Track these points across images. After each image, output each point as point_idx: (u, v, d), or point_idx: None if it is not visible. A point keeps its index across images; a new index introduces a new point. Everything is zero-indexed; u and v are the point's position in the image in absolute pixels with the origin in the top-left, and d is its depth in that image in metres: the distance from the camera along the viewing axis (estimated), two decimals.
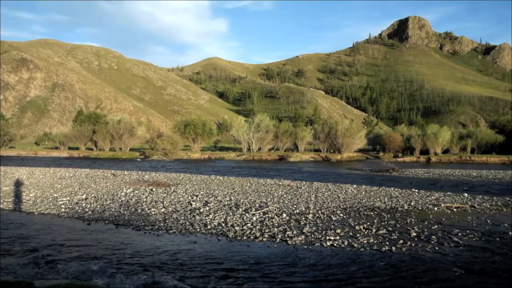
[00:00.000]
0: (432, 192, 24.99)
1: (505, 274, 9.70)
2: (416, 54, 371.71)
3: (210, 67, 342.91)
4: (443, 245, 12.26)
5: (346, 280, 9.11)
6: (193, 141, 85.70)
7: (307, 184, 28.84)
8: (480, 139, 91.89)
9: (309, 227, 14.25)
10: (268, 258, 10.64)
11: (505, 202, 21.60)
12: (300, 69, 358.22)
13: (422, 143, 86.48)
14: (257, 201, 19.66)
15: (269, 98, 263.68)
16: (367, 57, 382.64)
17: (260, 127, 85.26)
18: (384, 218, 16.32)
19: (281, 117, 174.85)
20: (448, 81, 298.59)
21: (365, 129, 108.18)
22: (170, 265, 9.97)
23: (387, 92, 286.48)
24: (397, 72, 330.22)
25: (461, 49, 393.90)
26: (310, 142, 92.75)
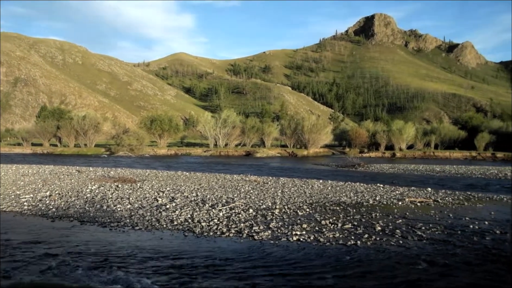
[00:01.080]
0: (397, 187, 25.45)
1: (466, 267, 9.95)
2: (382, 51, 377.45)
3: (177, 62, 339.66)
4: (407, 239, 12.50)
5: (313, 274, 9.17)
6: (160, 137, 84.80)
7: (273, 179, 28.94)
8: (444, 135, 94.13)
9: (276, 222, 14.30)
10: (234, 254, 10.63)
11: (466, 196, 22.18)
12: (267, 65, 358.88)
13: (387, 138, 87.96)
14: (223, 197, 19.60)
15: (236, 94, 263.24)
16: (334, 54, 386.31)
17: (227, 123, 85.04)
18: (349, 212, 16.52)
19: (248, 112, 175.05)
20: (413, 78, 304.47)
21: (331, 125, 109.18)
22: (136, 262, 9.83)
23: (353, 88, 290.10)
24: (363, 69, 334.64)
25: (425, 47, 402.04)
26: (277, 137, 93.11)
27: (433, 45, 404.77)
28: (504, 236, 13.16)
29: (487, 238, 12.86)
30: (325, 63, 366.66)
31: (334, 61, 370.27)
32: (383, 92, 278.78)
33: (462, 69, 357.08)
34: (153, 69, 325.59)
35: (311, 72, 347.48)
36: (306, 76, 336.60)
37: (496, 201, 20.86)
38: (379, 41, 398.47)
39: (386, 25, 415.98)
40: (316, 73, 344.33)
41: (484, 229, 14.02)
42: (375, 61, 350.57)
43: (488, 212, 17.41)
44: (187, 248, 11.20)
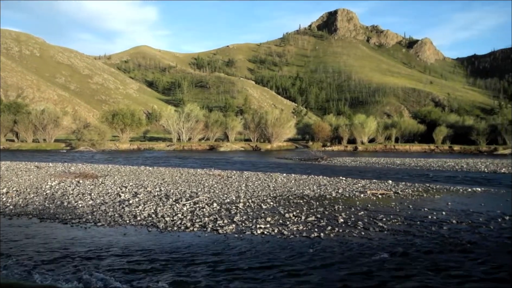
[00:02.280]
0: (359, 180, 25.90)
1: (425, 256, 10.27)
2: (344, 46, 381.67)
3: (139, 55, 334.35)
4: (369, 230, 12.78)
5: (277, 267, 9.26)
6: (122, 132, 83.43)
7: (237, 173, 28.99)
8: (404, 128, 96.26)
9: (240, 216, 14.36)
10: (199, 248, 10.63)
11: (425, 188, 22.80)
12: (231, 59, 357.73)
13: (349, 132, 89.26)
14: (187, 191, 19.53)
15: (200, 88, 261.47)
16: (297, 48, 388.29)
17: (190, 117, 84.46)
18: (313, 205, 16.73)
19: (211, 107, 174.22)
20: (375, 72, 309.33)
21: (294, 119, 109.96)
22: (98, 258, 9.71)
23: (316, 82, 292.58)
24: (326, 63, 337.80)
25: (386, 42, 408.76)
26: (240, 132, 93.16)
27: (394, 41, 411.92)
28: (460, 225, 13.63)
29: (445, 227, 13.29)
30: (289, 57, 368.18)
31: (298, 55, 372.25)
32: (345, 86, 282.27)
33: (421, 64, 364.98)
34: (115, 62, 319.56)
35: (274, 66, 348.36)
36: (269, 70, 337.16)
37: (453, 192, 21.54)
38: (341, 36, 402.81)
39: (349, 21, 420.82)
40: (279, 67, 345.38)
41: (441, 219, 14.47)
42: (338, 56, 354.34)
43: (446, 203, 17.97)
44: (150, 243, 11.13)
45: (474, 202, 18.46)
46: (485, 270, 9.29)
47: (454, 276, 8.82)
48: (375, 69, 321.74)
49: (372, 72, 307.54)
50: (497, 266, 9.59)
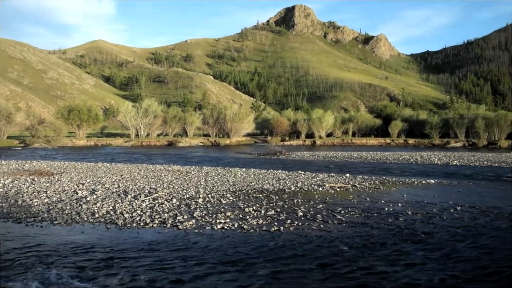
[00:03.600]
0: (317, 174, 26.26)
1: (382, 247, 10.54)
2: (302, 41, 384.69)
3: (95, 50, 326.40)
4: (328, 223, 12.99)
5: (237, 261, 9.29)
6: (78, 128, 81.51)
7: (197, 168, 28.89)
8: (361, 123, 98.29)
9: (200, 211, 14.33)
10: (158, 244, 10.54)
11: (382, 180, 23.36)
12: (189, 54, 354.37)
13: (307, 127, 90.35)
14: (146, 187, 19.31)
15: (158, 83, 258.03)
16: (255, 43, 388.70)
17: (148, 113, 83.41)
18: (272, 199, 16.86)
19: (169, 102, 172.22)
20: (332, 68, 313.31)
21: (253, 113, 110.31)
22: (55, 257, 9.48)
23: (275, 77, 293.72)
24: (284, 58, 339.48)
25: (343, 38, 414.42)
26: (199, 127, 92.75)
27: (350, 37, 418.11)
28: (415, 216, 14.05)
29: (400, 219, 13.67)
30: (247, 52, 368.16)
31: (256, 50, 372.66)
32: (303, 81, 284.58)
33: (377, 60, 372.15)
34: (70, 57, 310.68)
35: (233, 62, 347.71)
36: (228, 65, 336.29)
37: (408, 184, 22.16)
38: (299, 31, 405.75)
39: (306, 16, 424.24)
40: (238, 62, 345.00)
41: (397, 211, 14.88)
42: (296, 51, 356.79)
43: (401, 195, 18.48)
44: (109, 240, 10.95)
45: (428, 194, 19.06)
46: (438, 258, 9.62)
47: (409, 265, 9.09)
48: (332, 65, 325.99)
49: (329, 68, 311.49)
50: (448, 254, 9.95)
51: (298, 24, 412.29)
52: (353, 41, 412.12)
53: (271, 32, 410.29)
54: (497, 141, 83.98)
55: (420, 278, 8.35)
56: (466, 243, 10.97)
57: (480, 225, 12.97)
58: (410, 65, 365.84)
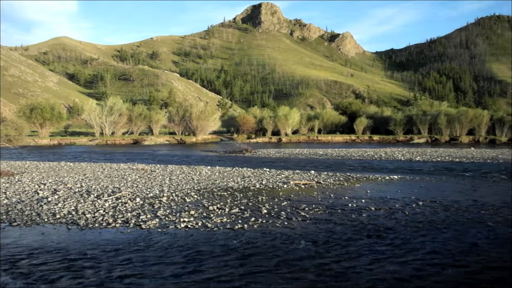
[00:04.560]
0: (283, 171, 26.39)
1: (345, 242, 10.65)
2: (268, 39, 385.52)
3: (59, 47, 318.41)
4: (292, 220, 13.05)
5: (201, 260, 9.23)
6: (41, 126, 79.49)
7: (161, 167, 28.63)
8: (326, 120, 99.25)
9: (163, 210, 14.18)
10: (121, 244, 10.37)
11: (346, 177, 23.65)
12: (155, 51, 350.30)
13: (273, 124, 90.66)
14: (109, 187, 19.00)
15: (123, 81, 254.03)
16: (222, 41, 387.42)
17: (113, 111, 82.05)
18: (237, 197, 16.84)
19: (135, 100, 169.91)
20: (298, 65, 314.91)
21: (219, 111, 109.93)
22: (12, 260, 9.20)
23: (241, 75, 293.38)
24: (250, 56, 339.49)
25: (309, 36, 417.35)
26: (165, 125, 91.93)
27: (316, 35, 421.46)
28: (378, 212, 14.28)
29: (364, 214, 13.86)
30: (213, 50, 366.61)
31: (222, 48, 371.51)
32: (269, 79, 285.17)
33: (342, 57, 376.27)
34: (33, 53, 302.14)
35: (199, 59, 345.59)
36: (194, 63, 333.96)
37: (372, 180, 22.50)
38: (266, 29, 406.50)
39: (273, 14, 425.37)
40: (204, 60, 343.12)
41: (361, 207, 15.08)
42: (262, 49, 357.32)
43: (365, 191, 18.74)
44: (70, 241, 10.70)
45: (391, 189, 19.39)
46: (400, 253, 9.79)
47: (372, 261, 9.21)
48: (298, 62, 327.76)
49: (295, 65, 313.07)
50: (410, 248, 10.14)
51: (265, 22, 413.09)
52: (319, 39, 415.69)
53: (237, 30, 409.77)
54: (459, 137, 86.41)
55: (383, 273, 8.47)
56: (427, 237, 11.22)
57: (441, 220, 13.30)
58: (375, 63, 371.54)
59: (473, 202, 16.40)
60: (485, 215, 13.94)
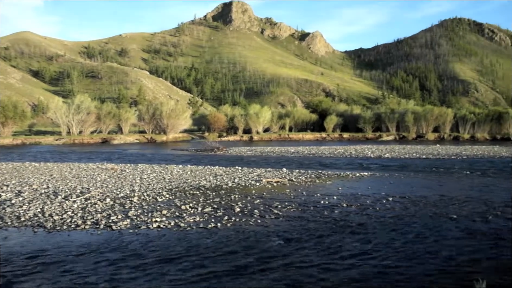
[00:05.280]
0: (254, 169, 26.37)
1: (318, 239, 10.68)
2: (239, 37, 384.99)
3: (22, 42, 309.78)
4: (265, 218, 13.02)
5: (174, 260, 9.09)
6: (3, 125, 77.22)
7: (132, 166, 28.24)
8: (297, 118, 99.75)
9: (135, 210, 13.94)
10: (90, 247, 10.10)
11: (317, 174, 23.77)
12: (124, 48, 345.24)
13: (245, 122, 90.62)
14: (78, 187, 18.58)
15: (91, 78, 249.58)
16: (192, 38, 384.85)
17: (80, 109, 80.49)
18: (209, 196, 16.71)
19: (104, 98, 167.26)
20: (269, 63, 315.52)
21: (190, 109, 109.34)
22: None
23: (212, 73, 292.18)
24: (221, 54, 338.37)
25: (280, 34, 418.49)
26: (135, 123, 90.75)
27: (287, 33, 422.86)
28: (349, 208, 14.40)
29: (336, 211, 13.95)
30: (184, 47, 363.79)
31: (193, 46, 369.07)
32: (240, 77, 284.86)
33: (313, 56, 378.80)
34: None
35: (169, 57, 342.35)
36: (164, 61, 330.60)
37: (343, 177, 22.69)
38: (236, 27, 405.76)
39: (243, 12, 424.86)
40: (174, 57, 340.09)
41: (333, 204, 15.17)
42: (233, 47, 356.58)
43: (336, 188, 18.87)
44: (36, 245, 10.36)
45: (362, 186, 19.60)
46: (372, 248, 9.87)
47: (345, 256, 9.25)
48: (269, 60, 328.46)
49: (266, 63, 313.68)
50: (382, 243, 10.23)
51: (236, 20, 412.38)
52: (289, 37, 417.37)
53: (208, 28, 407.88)
54: (425, 134, 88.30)
55: (356, 269, 8.50)
56: (398, 232, 11.39)
57: (410, 214, 13.55)
58: (345, 62, 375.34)
59: (440, 197, 16.76)
60: (452, 210, 14.29)
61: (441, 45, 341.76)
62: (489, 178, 22.79)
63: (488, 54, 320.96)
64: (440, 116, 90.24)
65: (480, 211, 14.01)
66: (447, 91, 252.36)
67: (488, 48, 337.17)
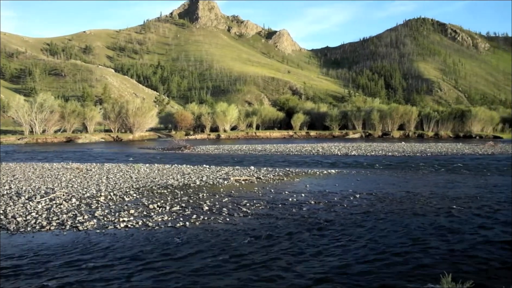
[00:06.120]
0: (222, 167, 26.33)
1: (286, 236, 10.77)
2: (206, 34, 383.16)
3: None
4: (234, 216, 13.03)
5: (142, 259, 9.01)
6: None
7: (97, 166, 27.77)
8: (264, 116, 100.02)
9: (102, 210, 13.72)
10: (56, 248, 9.90)
11: (285, 172, 23.92)
12: (88, 45, 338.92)
13: (212, 121, 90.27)
14: (42, 188, 18.16)
15: (54, 76, 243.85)
16: (158, 36, 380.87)
17: (44, 107, 78.52)
18: (177, 195, 16.60)
19: (68, 96, 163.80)
20: (235, 62, 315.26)
21: (156, 108, 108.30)
22: None
23: (178, 71, 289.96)
24: (187, 52, 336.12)
25: (246, 32, 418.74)
26: (100, 122, 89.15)
27: (253, 31, 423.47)
28: (317, 206, 14.54)
29: (304, 208, 14.08)
30: (150, 45, 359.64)
31: (159, 43, 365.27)
32: (207, 75, 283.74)
33: (279, 54, 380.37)
34: None
35: (135, 54, 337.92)
36: (130, 58, 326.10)
37: (311, 175, 22.89)
38: (203, 25, 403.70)
39: (210, 10, 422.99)
40: (140, 55, 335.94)
41: (301, 201, 15.30)
42: (200, 45, 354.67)
43: (304, 186, 19.03)
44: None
45: (330, 183, 19.82)
46: (340, 244, 10.02)
47: (314, 253, 9.35)
48: (236, 58, 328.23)
49: (233, 61, 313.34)
50: (350, 239, 10.39)
51: (202, 18, 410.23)
52: (256, 35, 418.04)
53: (174, 25, 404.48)
54: (390, 132, 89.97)
55: (324, 265, 8.60)
56: (365, 228, 11.59)
57: (377, 210, 13.80)
58: (311, 60, 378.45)
59: (406, 193, 17.13)
60: (417, 206, 14.64)
61: (406, 44, 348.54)
62: (452, 175, 23.45)
63: (451, 53, 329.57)
64: (405, 114, 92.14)
65: (444, 207, 14.40)
66: (412, 90, 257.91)
67: (451, 48, 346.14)
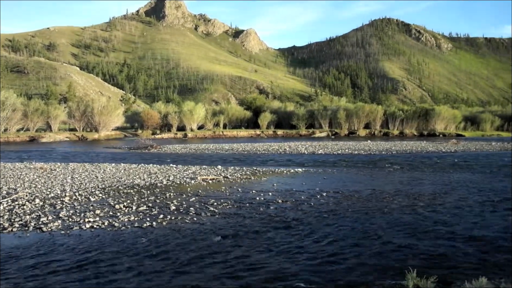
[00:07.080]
0: (189, 167, 26.25)
1: (254, 235, 10.85)
2: (173, 33, 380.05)
3: None
4: (201, 215, 13.03)
5: (108, 260, 8.93)
6: None
7: (62, 165, 27.26)
8: (231, 115, 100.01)
9: (66, 211, 13.50)
10: (19, 250, 9.69)
11: (253, 171, 24.02)
12: (52, 42, 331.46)
13: (179, 120, 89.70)
14: (4, 188, 17.73)
15: (16, 73, 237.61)
16: (124, 34, 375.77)
17: (5, 106, 76.36)
18: (144, 194, 16.48)
19: (31, 94, 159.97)
20: (202, 60, 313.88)
21: (123, 106, 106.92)
22: None
23: (145, 69, 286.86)
24: (154, 50, 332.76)
25: (214, 31, 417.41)
26: (65, 121, 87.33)
27: (221, 30, 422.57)
28: (285, 204, 14.69)
29: (271, 207, 14.19)
30: (116, 43, 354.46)
31: (125, 41, 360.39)
32: (174, 74, 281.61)
33: (246, 53, 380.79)
34: None
35: (100, 52, 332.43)
36: (95, 56, 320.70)
37: (278, 174, 23.06)
38: (170, 23, 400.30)
39: (177, 8, 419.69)
40: (106, 53, 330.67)
41: (268, 200, 15.42)
42: (166, 43, 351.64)
43: (271, 185, 19.16)
44: None
45: (297, 182, 20.01)
46: (308, 243, 10.15)
47: (281, 252, 9.45)
48: (203, 57, 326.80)
49: (200, 60, 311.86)
50: (317, 238, 10.54)
51: (169, 16, 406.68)
52: (223, 34, 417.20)
53: (141, 23, 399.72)
54: (357, 131, 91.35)
55: (292, 263, 8.71)
56: (333, 226, 11.77)
57: (344, 209, 14.03)
58: (278, 59, 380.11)
59: (372, 191, 17.47)
60: (383, 203, 14.93)
61: (372, 44, 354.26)
62: (417, 172, 24.02)
63: (415, 53, 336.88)
64: (371, 113, 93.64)
65: (409, 204, 14.75)
66: (377, 89, 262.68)
67: (415, 48, 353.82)
